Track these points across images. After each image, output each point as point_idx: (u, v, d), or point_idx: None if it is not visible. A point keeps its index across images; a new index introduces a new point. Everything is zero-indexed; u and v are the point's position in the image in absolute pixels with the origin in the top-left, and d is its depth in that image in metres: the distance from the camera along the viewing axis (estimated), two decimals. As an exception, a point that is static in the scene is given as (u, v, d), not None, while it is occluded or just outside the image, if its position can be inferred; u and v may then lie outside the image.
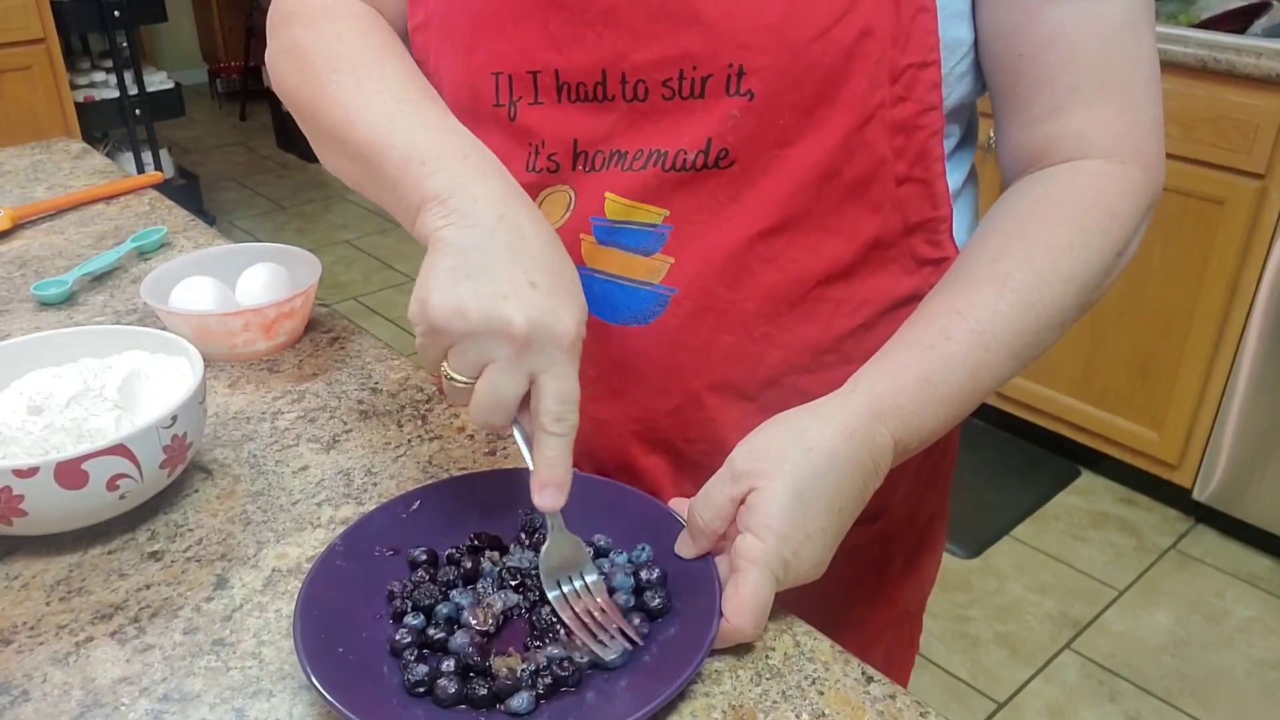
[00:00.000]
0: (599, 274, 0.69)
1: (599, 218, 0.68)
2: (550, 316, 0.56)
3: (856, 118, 0.63)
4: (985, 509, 2.35)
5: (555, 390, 0.57)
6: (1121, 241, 0.65)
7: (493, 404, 0.57)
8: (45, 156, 1.36)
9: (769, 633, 0.59)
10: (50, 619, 0.61)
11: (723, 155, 0.64)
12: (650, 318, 0.69)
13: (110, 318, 0.95)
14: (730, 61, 0.62)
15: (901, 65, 0.63)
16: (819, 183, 0.65)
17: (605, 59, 0.65)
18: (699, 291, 0.68)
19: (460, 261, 0.57)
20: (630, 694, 0.54)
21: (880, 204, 0.67)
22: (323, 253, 3.59)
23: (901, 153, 0.66)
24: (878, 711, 0.54)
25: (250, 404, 0.82)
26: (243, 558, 0.65)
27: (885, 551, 0.83)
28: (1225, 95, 1.93)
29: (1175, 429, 2.21)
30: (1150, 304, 2.16)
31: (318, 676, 0.52)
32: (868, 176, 0.66)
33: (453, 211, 0.59)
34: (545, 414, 0.57)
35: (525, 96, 0.68)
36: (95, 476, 0.63)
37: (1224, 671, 1.93)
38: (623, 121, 0.66)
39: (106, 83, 3.34)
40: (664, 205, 0.67)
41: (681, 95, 0.64)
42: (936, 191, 0.68)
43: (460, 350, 0.57)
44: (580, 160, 0.68)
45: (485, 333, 0.56)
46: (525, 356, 0.56)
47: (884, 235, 0.68)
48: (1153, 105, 0.66)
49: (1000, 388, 0.64)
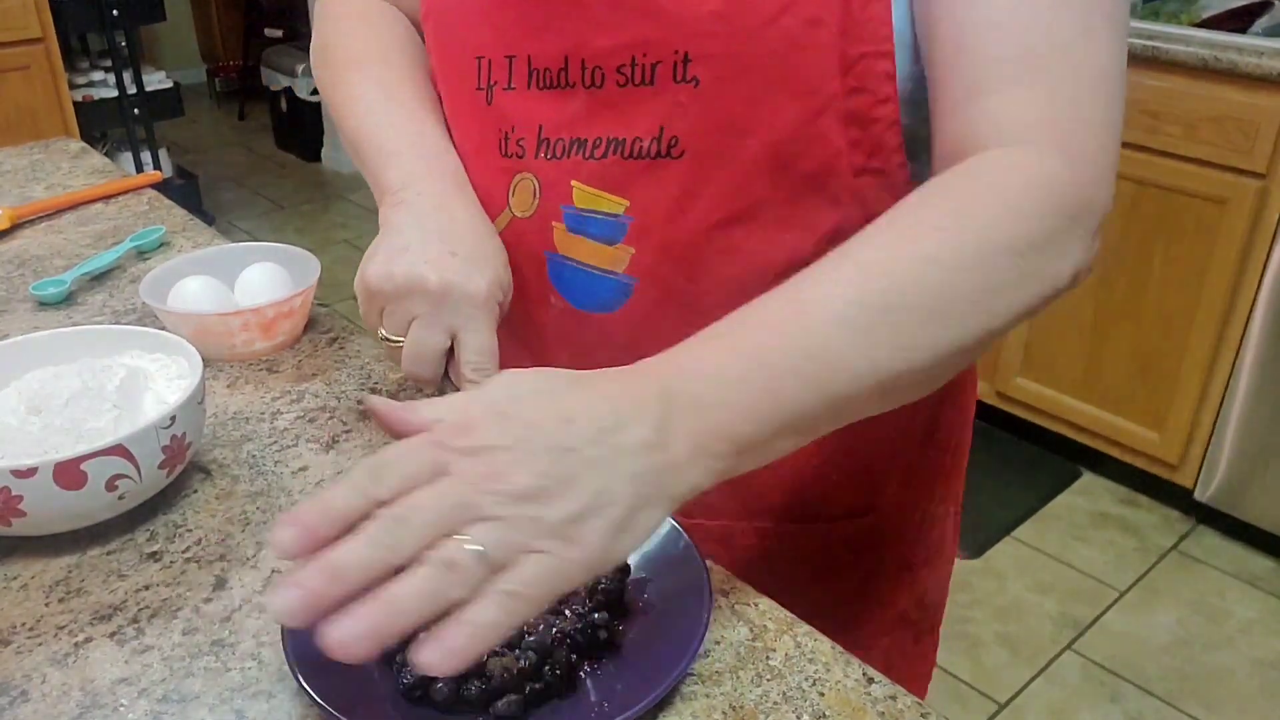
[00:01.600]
0: (569, 261, 0.71)
1: (568, 206, 0.69)
2: (463, 277, 0.65)
3: (809, 108, 0.62)
4: (986, 509, 2.35)
5: (472, 343, 0.66)
6: (1023, 239, 0.53)
7: (417, 354, 0.66)
8: (44, 156, 1.36)
9: (769, 633, 0.59)
10: (49, 620, 0.60)
11: (673, 144, 0.65)
12: (615, 305, 0.70)
13: (109, 317, 0.95)
14: (677, 48, 0.62)
15: (853, 55, 0.61)
16: (773, 174, 0.64)
17: (568, 45, 0.66)
18: (659, 281, 0.68)
19: (395, 239, 0.67)
20: (624, 694, 0.53)
21: (839, 196, 0.65)
22: (322, 252, 3.57)
23: (858, 145, 0.63)
24: (879, 712, 0.54)
25: (249, 404, 0.82)
26: (242, 558, 0.65)
27: (874, 549, 0.82)
28: (1226, 95, 1.93)
29: (1176, 429, 2.20)
30: (1151, 304, 2.16)
31: (310, 683, 0.51)
32: (824, 168, 0.64)
33: (400, 201, 0.69)
34: (465, 364, 0.66)
35: (500, 81, 0.70)
36: (94, 477, 0.63)
37: (1225, 672, 1.93)
38: (584, 109, 0.67)
39: (105, 82, 3.34)
40: (624, 195, 0.68)
41: (634, 82, 0.65)
42: (897, 182, 0.64)
43: (390, 311, 0.66)
44: (543, 148, 0.69)
45: (407, 292, 0.65)
46: (443, 312, 0.65)
47: (844, 227, 0.64)
48: (1098, 105, 0.57)
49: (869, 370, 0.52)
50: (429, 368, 0.67)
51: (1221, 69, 1.92)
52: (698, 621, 0.55)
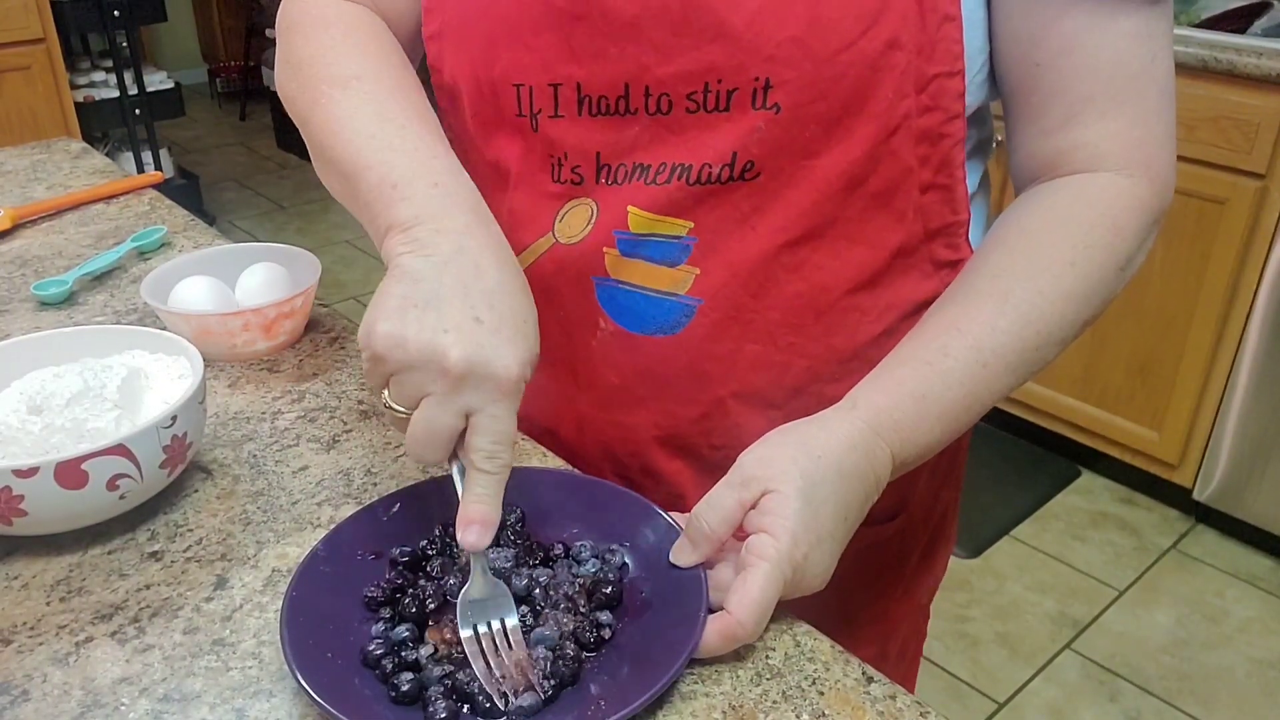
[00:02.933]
0: (624, 285, 0.69)
1: (622, 231, 0.68)
2: (490, 354, 0.55)
3: (883, 128, 0.63)
4: (985, 509, 2.35)
5: (489, 429, 0.56)
6: (1125, 256, 0.65)
7: (425, 438, 0.56)
8: (45, 156, 1.36)
9: (769, 633, 0.59)
10: (50, 619, 0.61)
11: (749, 168, 0.64)
12: (676, 328, 0.69)
13: (110, 317, 0.95)
14: (756, 75, 0.61)
15: (929, 75, 0.63)
16: (844, 193, 0.65)
17: (628, 72, 0.64)
18: (724, 302, 0.68)
19: (411, 290, 0.56)
20: (610, 699, 0.53)
21: (904, 212, 0.67)
22: (323, 253, 3.59)
23: (926, 161, 0.66)
24: (878, 712, 0.54)
25: (250, 404, 0.82)
26: (243, 558, 0.65)
27: (904, 546, 0.84)
28: (1226, 95, 1.93)
29: (1175, 429, 2.21)
30: (1151, 304, 2.16)
31: (309, 681, 0.52)
32: (893, 186, 0.66)
33: (414, 240, 0.58)
34: (477, 451, 0.56)
35: (545, 109, 0.67)
36: (95, 476, 0.63)
37: (1224, 671, 1.93)
38: (645, 134, 0.66)
39: (106, 82, 3.34)
40: (688, 218, 0.66)
41: (706, 109, 0.64)
42: (957, 196, 0.68)
43: (399, 380, 0.56)
44: (603, 173, 0.68)
45: (421, 364, 0.55)
46: (461, 393, 0.55)
47: (907, 242, 0.68)
48: (1165, 118, 0.66)
49: (998, 403, 0.65)
50: (437, 452, 0.57)
51: (1221, 69, 1.92)
52: (695, 620, 0.56)
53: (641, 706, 0.52)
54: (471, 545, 0.56)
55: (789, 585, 0.56)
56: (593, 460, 0.77)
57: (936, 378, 0.61)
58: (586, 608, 0.59)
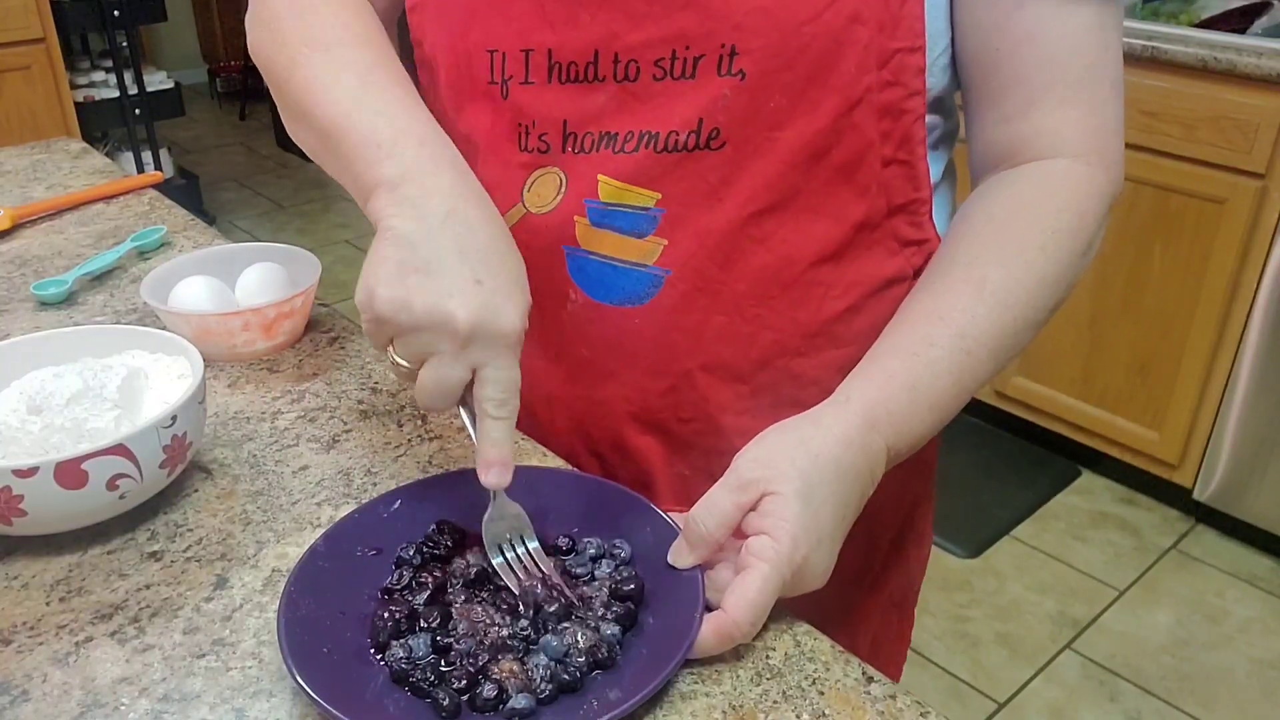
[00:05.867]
0: (593, 255, 0.70)
1: (592, 200, 0.69)
2: (494, 313, 0.58)
3: (845, 101, 0.65)
4: (985, 509, 2.35)
5: (497, 379, 0.59)
6: (1087, 241, 0.67)
7: (435, 390, 0.60)
8: (45, 156, 1.36)
9: (769, 632, 0.59)
10: (50, 619, 0.61)
11: (714, 135, 0.65)
12: (645, 299, 0.70)
13: (110, 317, 0.95)
14: (724, 41, 0.63)
15: (890, 50, 0.64)
16: (808, 164, 0.66)
17: (598, 39, 0.66)
18: (692, 273, 0.69)
19: (408, 255, 0.58)
20: (605, 698, 0.53)
21: (867, 186, 0.68)
22: (323, 253, 3.58)
23: (888, 136, 0.67)
24: (878, 711, 0.54)
25: (250, 404, 0.82)
26: (243, 558, 0.65)
27: (869, 535, 0.83)
28: (1225, 95, 1.93)
29: (1175, 429, 2.21)
30: (1150, 304, 2.16)
31: (307, 680, 0.52)
32: (856, 159, 0.67)
33: (403, 200, 0.60)
34: (488, 400, 0.60)
35: (516, 75, 0.69)
36: (95, 476, 0.63)
37: (1224, 671, 1.93)
38: (613, 103, 0.67)
39: (106, 82, 3.34)
40: (656, 188, 0.67)
41: (673, 75, 0.65)
42: (918, 173, 0.70)
43: (405, 341, 0.59)
44: (570, 141, 0.69)
45: (429, 327, 0.58)
46: (469, 351, 0.58)
47: (870, 216, 0.69)
48: (1116, 107, 0.68)
49: (981, 389, 0.66)
50: (445, 401, 0.61)
51: (1220, 69, 1.92)
52: (691, 620, 0.55)
53: (636, 705, 0.52)
54: (494, 484, 0.61)
55: (788, 586, 0.56)
56: (564, 437, 0.77)
57: (924, 368, 0.62)
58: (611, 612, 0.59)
